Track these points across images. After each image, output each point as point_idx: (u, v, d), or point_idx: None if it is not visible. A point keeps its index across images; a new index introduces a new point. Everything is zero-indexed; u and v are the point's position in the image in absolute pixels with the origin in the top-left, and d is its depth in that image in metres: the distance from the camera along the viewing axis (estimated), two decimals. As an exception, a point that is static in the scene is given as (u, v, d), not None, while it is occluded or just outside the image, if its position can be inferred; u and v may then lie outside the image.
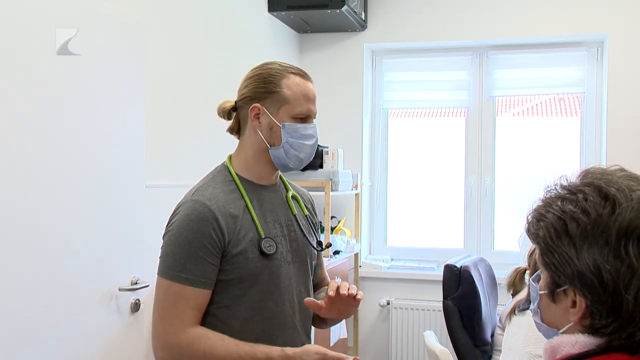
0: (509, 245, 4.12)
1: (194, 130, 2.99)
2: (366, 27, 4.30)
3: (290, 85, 1.54)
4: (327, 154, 3.75)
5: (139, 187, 2.39)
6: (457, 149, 4.38)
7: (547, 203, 1.00)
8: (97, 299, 2.19)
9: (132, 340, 2.35)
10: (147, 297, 2.50)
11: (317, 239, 1.69)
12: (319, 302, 1.52)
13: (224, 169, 1.60)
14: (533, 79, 4.18)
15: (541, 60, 4.15)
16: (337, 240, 3.80)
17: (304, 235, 1.63)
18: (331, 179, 3.61)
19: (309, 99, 1.54)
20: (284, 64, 1.59)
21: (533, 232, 1.01)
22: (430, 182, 4.48)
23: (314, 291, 1.73)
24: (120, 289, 2.28)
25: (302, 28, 4.28)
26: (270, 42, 3.95)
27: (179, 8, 2.87)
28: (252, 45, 3.67)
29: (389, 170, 4.53)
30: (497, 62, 4.25)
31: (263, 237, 1.52)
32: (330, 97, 4.37)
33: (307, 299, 1.52)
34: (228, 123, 1.67)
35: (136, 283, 2.34)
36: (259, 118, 1.55)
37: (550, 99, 4.34)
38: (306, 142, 1.54)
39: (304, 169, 3.67)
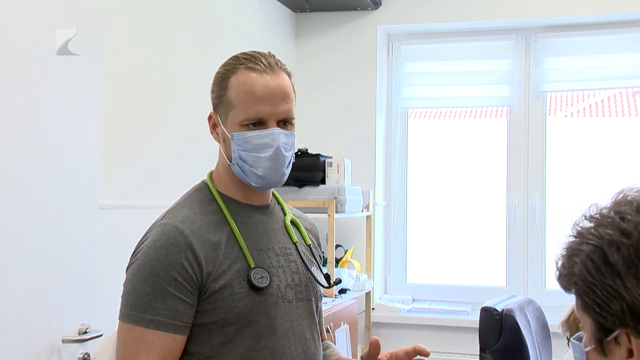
0: (565, 283, 4.10)
1: (160, 138, 2.99)
2: (380, 4, 4.30)
3: (235, 84, 1.56)
4: (331, 166, 3.75)
5: (91, 208, 2.37)
6: (496, 159, 4.36)
7: (580, 235, 1.03)
8: (34, 353, 2.16)
9: (79, 407, 2.32)
10: (100, 351, 2.47)
11: (322, 272, 1.71)
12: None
13: (203, 187, 1.64)
14: (595, 69, 4.17)
15: (606, 45, 4.13)
16: (344, 276, 3.78)
17: (307, 268, 1.64)
18: (336, 198, 3.60)
19: (258, 98, 1.54)
20: (242, 55, 1.60)
21: (566, 273, 1.03)
22: (462, 202, 4.46)
23: None
24: (64, 340, 2.25)
25: (299, 6, 4.28)
26: (259, 24, 3.95)
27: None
28: (236, 28, 3.66)
29: (409, 187, 4.51)
30: (548, 48, 4.24)
31: (253, 266, 1.53)
32: (335, 93, 4.37)
33: (374, 337, 1.54)
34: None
35: (85, 332, 2.31)
36: (216, 129, 1.61)
37: (618, 94, 4.34)
38: (261, 154, 1.55)
39: (300, 185, 3.67)
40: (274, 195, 1.71)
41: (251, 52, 1.60)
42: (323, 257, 3.97)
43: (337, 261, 3.96)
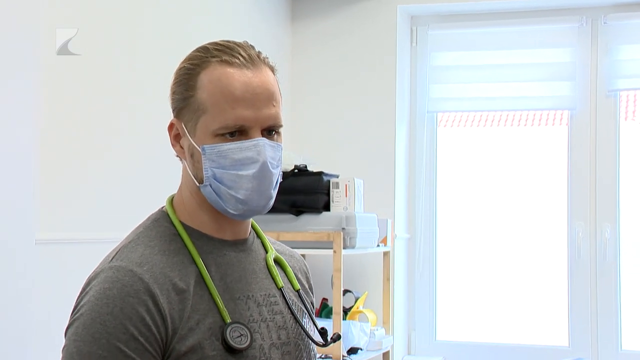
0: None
1: (109, 153, 3.00)
2: (401, -23, 4.33)
3: (207, 82, 1.56)
4: (337, 187, 3.73)
5: (26, 244, 2.37)
6: (554, 179, 4.35)
7: None
8: None
9: None
10: None
11: (316, 326, 1.70)
12: None
13: (162, 217, 1.62)
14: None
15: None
16: (354, 331, 3.75)
17: (297, 321, 1.64)
18: (343, 229, 3.58)
19: (237, 99, 1.53)
20: (212, 45, 1.58)
21: None
22: (509, 235, 4.44)
23: None
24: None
25: (295, -21, 4.32)
26: (245, 4, 3.96)
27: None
28: (215, 11, 3.66)
29: (439, 215, 4.50)
30: (621, 33, 4.23)
31: (229, 322, 1.52)
32: (341, 93, 4.36)
33: None
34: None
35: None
36: (180, 141, 1.61)
37: None
38: (242, 172, 1.54)
39: (298, 213, 3.65)
40: (252, 226, 1.69)
41: (224, 42, 1.59)
42: (325, 306, 3.96)
43: (346, 312, 3.93)
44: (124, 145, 3.09)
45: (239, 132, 1.53)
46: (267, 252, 1.68)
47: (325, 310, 4.00)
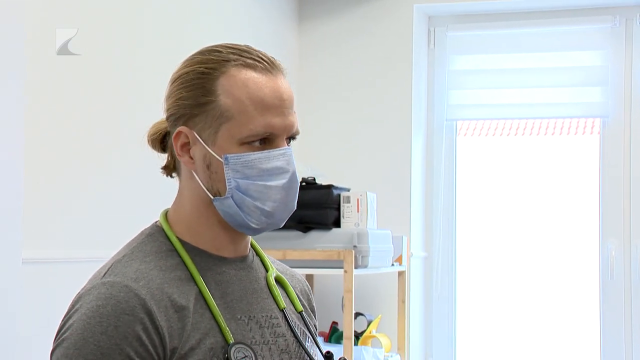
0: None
1: (104, 169, 3.01)
2: (417, -26, 4.34)
3: (232, 86, 1.57)
4: (348, 201, 3.73)
5: (12, 263, 2.37)
6: (584, 194, 4.35)
7: None
8: None
9: None
10: None
11: (320, 350, 1.71)
12: None
13: (157, 232, 1.64)
14: None
15: None
16: (366, 357, 3.75)
17: (300, 344, 1.66)
18: (355, 247, 3.58)
19: (267, 106, 1.56)
20: (226, 49, 1.60)
21: None
22: (535, 253, 4.43)
23: None
24: None
25: (303, -22, 4.33)
26: (250, 4, 3.97)
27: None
28: (217, 11, 3.68)
29: (458, 231, 4.51)
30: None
31: (232, 342, 1.53)
32: (353, 100, 4.36)
33: None
34: (152, 155, 1.68)
35: None
36: (189, 151, 1.61)
37: None
38: (272, 183, 1.57)
39: (306, 229, 3.65)
40: (251, 244, 1.71)
41: (234, 45, 1.61)
42: (335, 329, 3.95)
43: (358, 336, 3.92)
44: (117, 157, 3.10)
45: (263, 141, 1.55)
46: (267, 270, 1.69)
47: (335, 334, 4.00)
